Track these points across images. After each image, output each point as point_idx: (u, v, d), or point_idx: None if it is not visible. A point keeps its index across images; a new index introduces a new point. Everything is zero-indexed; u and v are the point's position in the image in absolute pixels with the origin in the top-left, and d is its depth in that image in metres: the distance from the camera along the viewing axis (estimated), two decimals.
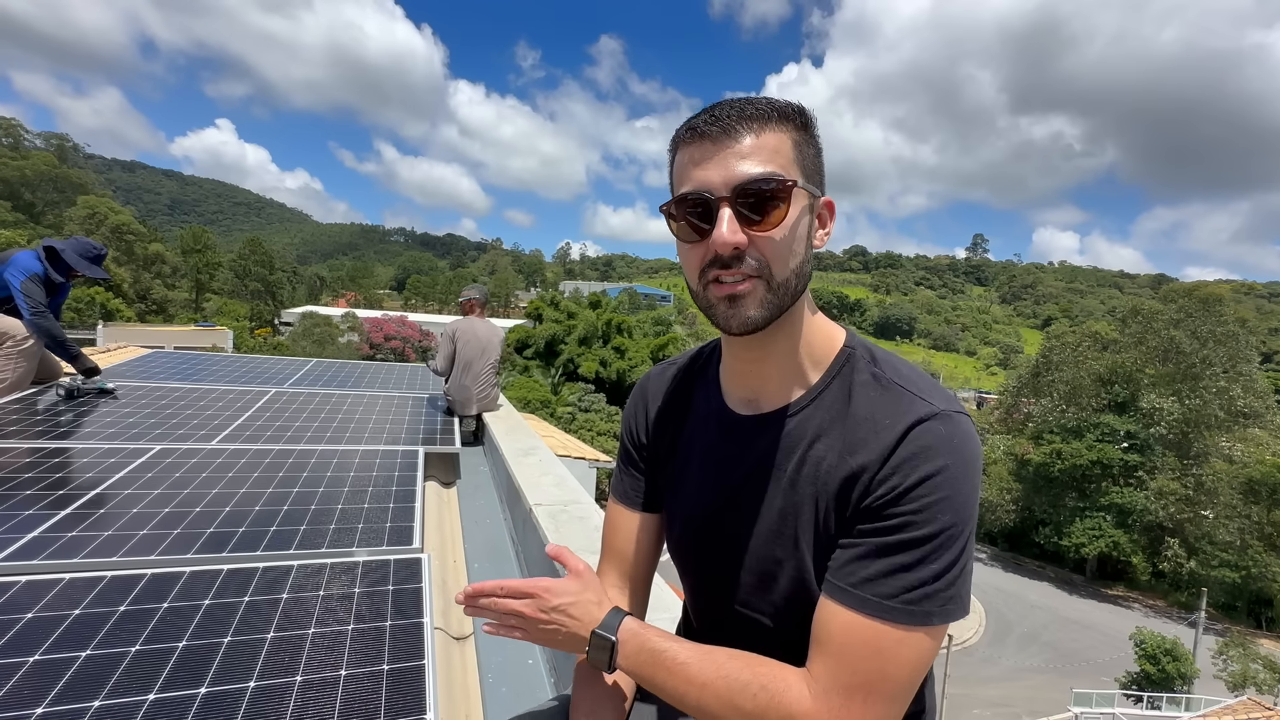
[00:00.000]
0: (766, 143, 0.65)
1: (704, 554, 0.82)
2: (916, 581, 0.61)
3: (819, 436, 0.71)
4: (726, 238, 0.64)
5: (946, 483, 0.62)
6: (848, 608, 0.62)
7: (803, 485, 0.71)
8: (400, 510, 2.28)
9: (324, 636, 1.40)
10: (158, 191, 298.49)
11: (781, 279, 0.66)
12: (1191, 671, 18.82)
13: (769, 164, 0.64)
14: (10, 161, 53.24)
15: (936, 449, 0.63)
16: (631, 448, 0.93)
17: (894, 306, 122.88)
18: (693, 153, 0.67)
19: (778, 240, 0.65)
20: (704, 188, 0.65)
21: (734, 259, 0.65)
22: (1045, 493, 29.45)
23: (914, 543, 0.61)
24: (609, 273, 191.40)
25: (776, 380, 0.75)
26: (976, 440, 0.66)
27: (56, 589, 1.51)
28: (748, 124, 0.65)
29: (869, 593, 0.61)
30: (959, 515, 0.62)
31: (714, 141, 0.65)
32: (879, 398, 0.69)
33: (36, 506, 2.04)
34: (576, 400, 28.30)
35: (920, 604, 0.60)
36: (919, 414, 0.65)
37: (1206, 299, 31.21)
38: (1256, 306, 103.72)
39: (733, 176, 0.64)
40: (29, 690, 1.15)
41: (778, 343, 0.73)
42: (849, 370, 0.73)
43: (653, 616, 1.44)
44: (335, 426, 3.53)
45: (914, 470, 0.62)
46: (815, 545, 0.70)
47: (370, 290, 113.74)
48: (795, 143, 0.67)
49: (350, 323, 41.81)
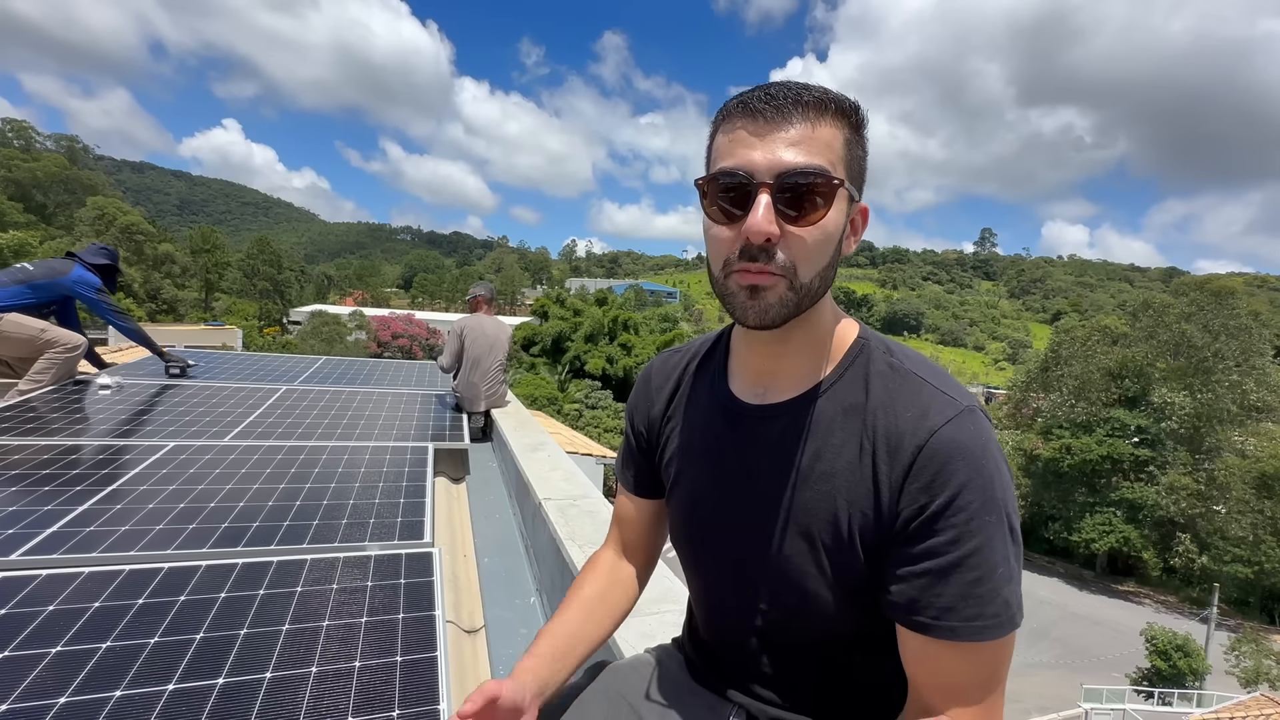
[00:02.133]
0: (821, 135, 0.61)
1: (709, 546, 0.81)
2: (991, 594, 0.60)
3: (834, 429, 0.69)
4: (761, 225, 0.60)
5: (985, 485, 0.60)
6: (945, 639, 0.61)
7: (817, 481, 0.68)
8: (411, 505, 2.30)
9: (338, 629, 1.42)
10: (166, 192, 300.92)
11: (806, 281, 0.64)
12: (1203, 668, 18.68)
13: (818, 157, 0.61)
14: (22, 163, 53.74)
15: (967, 451, 0.61)
16: (633, 435, 0.93)
17: (902, 302, 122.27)
18: (740, 129, 0.63)
19: (810, 241, 0.62)
20: (746, 168, 0.61)
21: (762, 252, 0.62)
22: (1055, 488, 29.25)
23: (973, 554, 0.60)
24: (615, 270, 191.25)
25: (789, 371, 0.73)
26: (993, 430, 0.65)
27: (77, 582, 1.54)
28: (803, 111, 0.61)
29: (955, 620, 0.60)
30: (1004, 510, 0.61)
31: (767, 121, 0.61)
32: (897, 388, 0.67)
33: (55, 502, 2.08)
34: (583, 397, 28.34)
35: (1003, 612, 0.61)
36: (945, 414, 0.63)
37: (1219, 292, 30.84)
38: (1270, 299, 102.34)
39: (778, 163, 0.60)
40: (53, 680, 1.17)
41: (793, 338, 0.70)
42: (864, 360, 0.71)
43: (660, 608, 1.45)
44: (345, 423, 3.57)
45: (950, 479, 0.61)
46: (832, 541, 0.68)
47: (377, 289, 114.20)
48: (847, 141, 0.64)
49: (358, 321, 42.01)
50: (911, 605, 0.62)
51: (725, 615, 0.81)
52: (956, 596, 0.60)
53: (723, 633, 0.82)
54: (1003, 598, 0.60)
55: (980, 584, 0.60)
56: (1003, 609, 0.60)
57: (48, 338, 3.79)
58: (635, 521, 0.95)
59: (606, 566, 0.95)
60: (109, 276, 4.15)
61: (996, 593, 0.60)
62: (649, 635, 1.31)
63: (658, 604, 1.47)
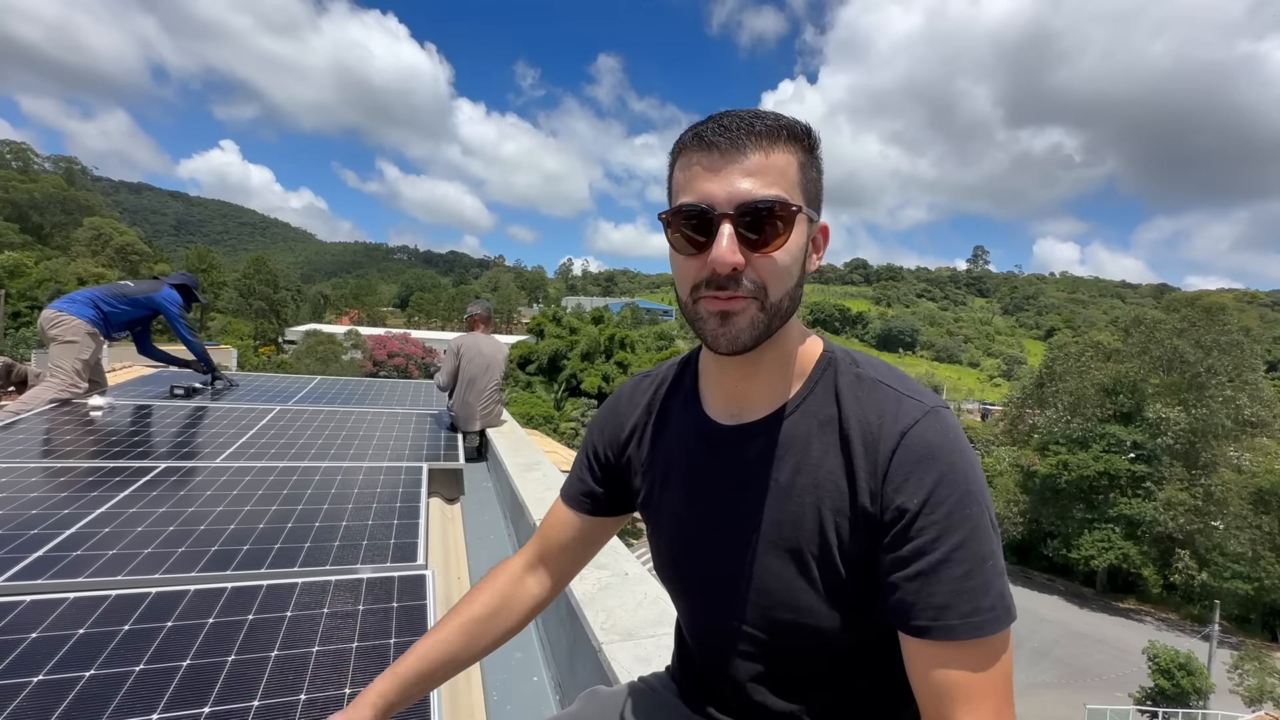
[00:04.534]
0: (775, 163, 0.63)
1: (694, 570, 0.80)
2: (984, 587, 0.60)
3: (810, 442, 0.70)
4: (726, 256, 0.62)
5: (959, 479, 0.62)
6: (945, 640, 0.61)
7: (800, 494, 0.69)
8: (404, 527, 2.27)
9: (328, 655, 1.39)
10: (164, 212, 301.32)
11: (775, 300, 0.65)
12: (1207, 686, 18.48)
13: (775, 185, 0.63)
14: (20, 184, 53.99)
15: (939, 448, 0.63)
16: (591, 455, 0.91)
17: (896, 319, 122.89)
18: (697, 162, 0.65)
19: (775, 265, 0.64)
20: (706, 200, 0.63)
21: (730, 280, 0.64)
22: (1053, 504, 29.16)
23: (959, 547, 0.60)
24: (611, 288, 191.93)
25: (761, 391, 0.74)
26: (960, 427, 0.66)
27: (61, 608, 1.51)
28: (756, 140, 0.63)
29: (953, 618, 0.60)
30: (980, 503, 0.62)
31: (721, 154, 0.63)
32: (866, 397, 0.68)
33: (42, 526, 2.05)
34: (580, 415, 28.27)
35: (999, 604, 0.61)
36: (913, 415, 0.65)
37: (1210, 308, 31.13)
38: (1260, 315, 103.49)
39: (737, 194, 0.62)
40: (32, 711, 1.14)
41: (764, 359, 0.71)
42: (831, 373, 0.72)
43: (656, 630, 1.43)
44: (339, 443, 3.54)
45: (926, 476, 0.62)
46: (820, 552, 0.68)
47: (374, 308, 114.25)
48: (801, 165, 0.66)
49: (354, 340, 41.96)
50: (908, 610, 0.62)
51: (716, 638, 0.79)
52: (950, 593, 0.60)
53: (714, 655, 0.81)
54: (996, 590, 0.61)
55: (971, 577, 0.60)
56: (998, 601, 0.61)
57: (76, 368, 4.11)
58: (562, 536, 0.93)
59: (507, 581, 0.92)
60: (188, 296, 4.86)
61: (990, 585, 0.60)
62: (644, 660, 1.29)
63: (653, 627, 1.45)
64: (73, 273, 36.93)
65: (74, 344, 4.08)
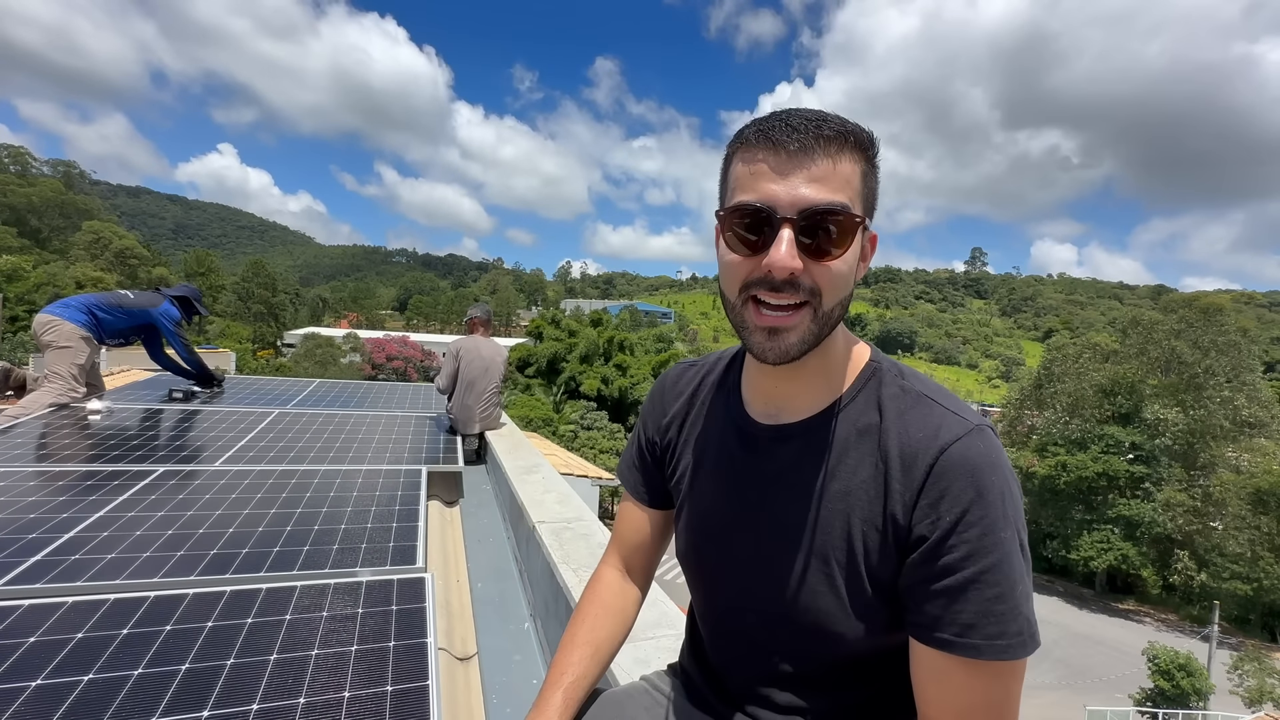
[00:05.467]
0: (841, 171, 0.62)
1: (717, 565, 0.80)
2: (1012, 612, 0.59)
3: (848, 449, 0.69)
4: (785, 261, 0.60)
5: (996, 501, 0.61)
6: (967, 658, 0.60)
7: (831, 500, 0.69)
8: (403, 529, 2.27)
9: (327, 658, 1.39)
10: (162, 216, 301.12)
11: (828, 309, 0.64)
12: (1207, 687, 18.46)
13: (839, 193, 0.61)
14: (18, 188, 53.88)
15: (978, 467, 0.61)
16: (645, 442, 0.93)
17: (895, 321, 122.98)
18: (762, 161, 0.62)
19: (833, 272, 0.63)
20: (769, 201, 0.61)
21: (785, 283, 0.62)
22: (1052, 506, 29.15)
23: (990, 569, 0.60)
24: (610, 291, 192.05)
25: (803, 394, 0.73)
26: (1003, 450, 0.66)
27: (59, 613, 1.51)
28: (825, 145, 0.61)
29: (978, 638, 0.59)
30: (1014, 528, 0.61)
31: (789, 156, 0.61)
32: (909, 409, 0.67)
33: (40, 530, 2.05)
34: (579, 418, 28.23)
35: (1025, 629, 0.60)
36: (955, 432, 0.63)
37: (1207, 309, 31.19)
38: (1257, 316, 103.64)
39: (801, 199, 0.60)
40: (31, 715, 1.14)
41: (809, 364, 0.70)
42: (875, 383, 0.71)
43: (656, 633, 1.43)
44: (338, 447, 3.54)
45: (962, 494, 0.61)
46: (846, 559, 0.67)
47: (372, 311, 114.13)
48: (864, 174, 0.64)
49: (352, 343, 41.91)
50: (934, 623, 0.62)
51: (731, 631, 0.80)
52: (977, 614, 0.60)
53: (727, 649, 0.81)
54: (1024, 615, 0.60)
55: (1001, 601, 0.59)
56: (1025, 626, 0.60)
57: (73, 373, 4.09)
58: (634, 533, 0.95)
59: (610, 595, 0.93)
60: (187, 309, 4.90)
61: (1018, 610, 0.60)
62: (644, 662, 1.29)
63: (653, 629, 1.45)
64: (71, 277, 36.88)
65: (69, 349, 4.08)
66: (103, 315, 4.32)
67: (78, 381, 4.10)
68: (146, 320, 4.59)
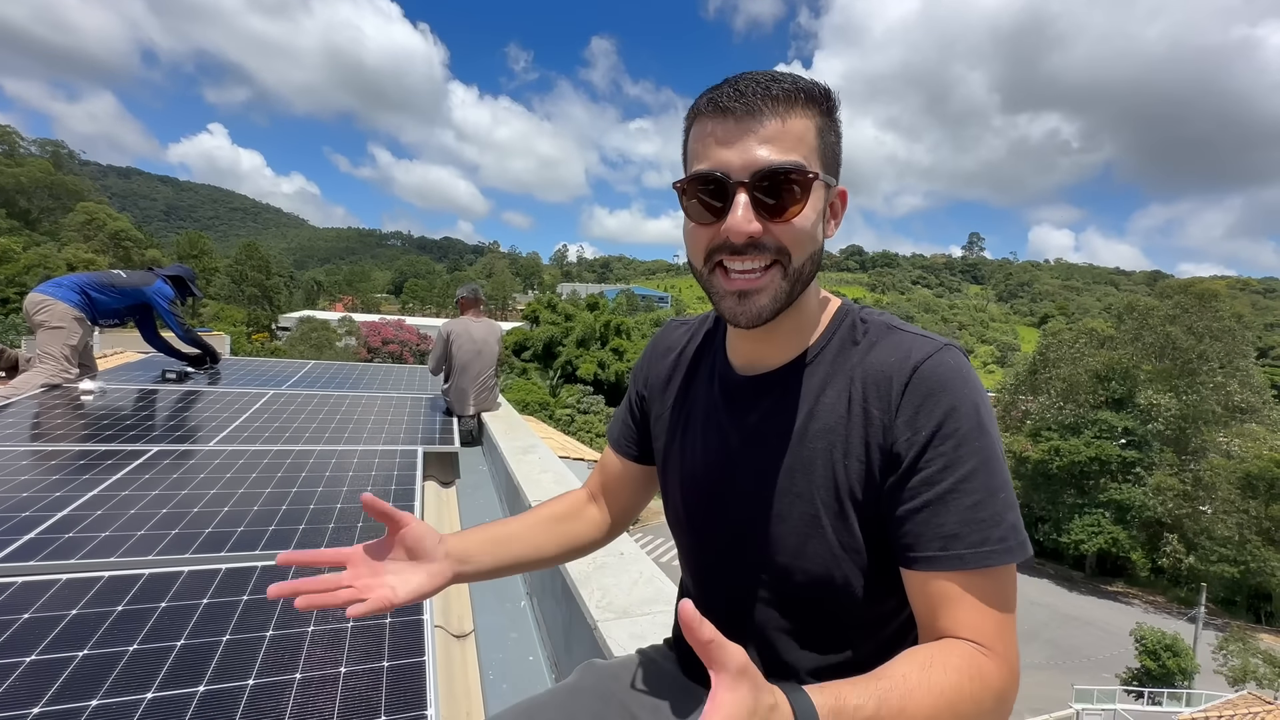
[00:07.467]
0: (792, 128, 0.62)
1: (706, 517, 0.80)
2: (995, 518, 0.60)
3: (825, 388, 0.70)
4: (742, 225, 0.62)
5: (970, 411, 0.62)
6: (953, 570, 0.60)
7: (813, 439, 0.69)
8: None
9: (323, 634, 1.40)
10: (153, 198, 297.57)
11: (798, 265, 0.65)
12: (1192, 667, 18.83)
13: (792, 152, 0.61)
14: (6, 169, 53.08)
15: (950, 381, 0.63)
16: (635, 398, 0.95)
17: (891, 305, 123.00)
18: (713, 128, 0.63)
19: (795, 229, 0.63)
20: (722, 168, 0.62)
21: (747, 246, 0.63)
22: (1044, 490, 29.46)
23: (969, 477, 0.61)
24: (606, 274, 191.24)
25: (780, 345, 0.74)
26: (972, 366, 0.67)
27: (54, 589, 1.51)
28: (773, 105, 0.61)
29: (961, 547, 0.60)
30: (990, 436, 0.62)
31: (736, 120, 0.62)
32: (881, 340, 0.69)
33: (34, 508, 2.04)
34: (575, 402, 28.29)
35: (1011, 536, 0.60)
36: (925, 350, 0.65)
37: (1202, 295, 31.26)
38: (1252, 302, 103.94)
39: (753, 161, 0.61)
40: (25, 690, 1.14)
41: (784, 322, 0.71)
42: (848, 326, 0.73)
43: (651, 609, 1.44)
44: (334, 427, 3.53)
45: (936, 407, 0.62)
46: (831, 498, 0.68)
47: (367, 294, 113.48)
48: (819, 129, 0.64)
49: (348, 327, 41.76)
50: (915, 541, 0.62)
51: (721, 589, 0.80)
52: (959, 523, 0.60)
53: (719, 609, 0.80)
54: (1009, 522, 0.61)
55: (981, 508, 0.60)
56: (1010, 533, 0.60)
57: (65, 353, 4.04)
58: (612, 480, 0.98)
59: (574, 501, 0.98)
60: (181, 289, 4.86)
61: (1000, 517, 0.60)
62: (640, 636, 1.29)
63: (649, 605, 1.46)
64: (63, 258, 36.49)
65: (61, 329, 4.04)
66: (96, 295, 4.28)
67: (70, 362, 4.07)
68: (140, 299, 4.54)
